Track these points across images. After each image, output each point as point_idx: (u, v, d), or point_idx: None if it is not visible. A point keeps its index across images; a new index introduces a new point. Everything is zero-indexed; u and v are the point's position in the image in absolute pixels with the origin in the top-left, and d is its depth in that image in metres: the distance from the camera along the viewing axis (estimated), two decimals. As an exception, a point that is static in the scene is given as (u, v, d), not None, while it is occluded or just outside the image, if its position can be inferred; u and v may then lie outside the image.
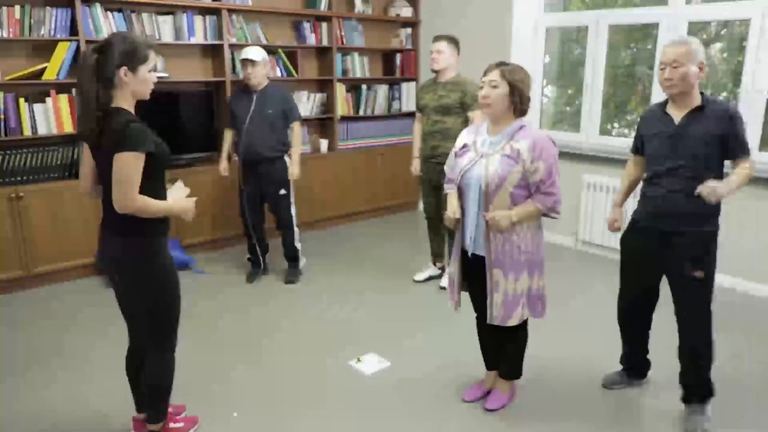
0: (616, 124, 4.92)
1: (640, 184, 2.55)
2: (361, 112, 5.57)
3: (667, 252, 2.39)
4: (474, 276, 2.45)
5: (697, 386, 2.48)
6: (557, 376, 2.87)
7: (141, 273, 2.03)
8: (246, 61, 3.76)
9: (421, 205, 4.26)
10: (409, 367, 2.93)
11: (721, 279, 3.96)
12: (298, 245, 4.10)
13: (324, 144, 5.33)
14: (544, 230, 2.43)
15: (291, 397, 2.68)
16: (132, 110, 1.98)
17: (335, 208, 5.38)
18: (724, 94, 4.28)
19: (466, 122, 3.76)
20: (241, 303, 3.73)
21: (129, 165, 1.87)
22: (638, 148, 2.55)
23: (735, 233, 3.88)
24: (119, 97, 1.94)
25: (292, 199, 4.02)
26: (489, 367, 2.68)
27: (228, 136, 4.09)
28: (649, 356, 2.73)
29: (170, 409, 2.33)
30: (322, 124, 5.44)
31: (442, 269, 4.07)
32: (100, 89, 1.88)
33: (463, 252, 2.45)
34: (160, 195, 2.05)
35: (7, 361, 2.99)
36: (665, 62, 2.27)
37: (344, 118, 5.43)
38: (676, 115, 2.33)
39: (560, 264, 4.34)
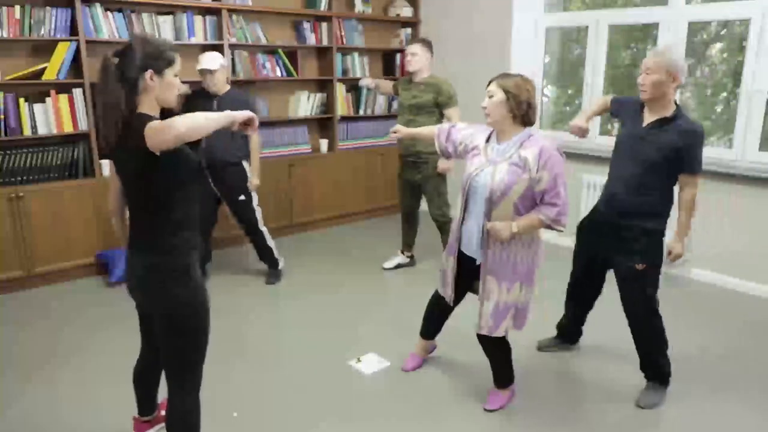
0: (616, 124, 4.91)
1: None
2: (361, 112, 5.57)
3: (613, 243, 2.56)
4: (464, 271, 2.51)
5: (653, 372, 2.65)
6: (557, 376, 2.87)
7: (169, 294, 1.85)
8: (204, 71, 3.71)
9: (423, 206, 4.29)
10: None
11: (721, 279, 3.99)
12: (270, 244, 4.04)
13: (324, 144, 5.33)
14: (543, 231, 2.43)
15: (291, 397, 2.68)
16: (157, 116, 1.82)
17: (335, 208, 5.38)
18: (724, 94, 4.28)
19: (439, 121, 3.89)
20: (241, 304, 3.72)
21: (158, 123, 1.68)
22: (612, 110, 2.75)
23: (734, 233, 3.89)
24: (144, 101, 1.80)
25: (255, 203, 3.93)
26: (425, 337, 2.86)
27: None
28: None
29: (160, 401, 2.31)
30: (322, 124, 5.44)
31: (411, 257, 4.38)
32: (126, 94, 1.76)
33: (460, 251, 2.48)
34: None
35: (7, 361, 2.99)
36: (642, 68, 2.44)
37: (344, 118, 5.43)
38: (647, 119, 2.48)
39: (560, 264, 4.33)
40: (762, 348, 3.15)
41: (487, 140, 2.40)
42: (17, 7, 3.70)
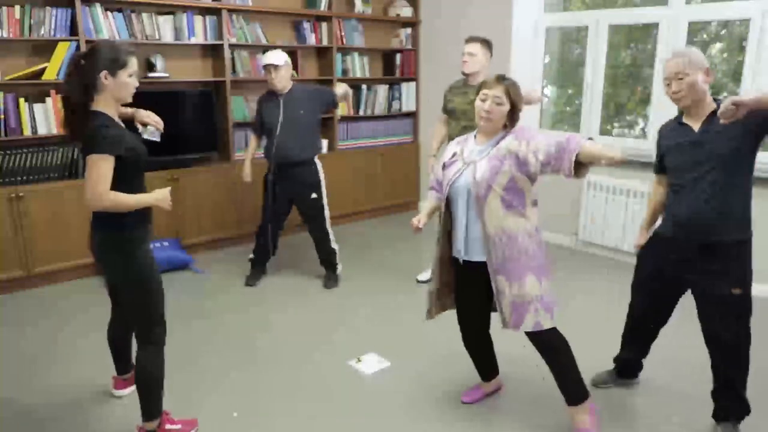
0: (616, 124, 4.92)
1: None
2: (361, 112, 5.57)
3: (695, 267, 2.27)
4: (467, 282, 2.43)
5: (732, 404, 2.37)
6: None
7: (119, 267, 2.16)
8: (269, 66, 3.67)
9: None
10: (409, 367, 2.93)
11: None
12: (335, 246, 3.99)
13: (324, 144, 5.33)
14: (543, 231, 2.42)
15: (291, 397, 2.68)
16: (114, 114, 2.11)
17: (335, 208, 5.33)
18: (725, 94, 4.27)
19: None
20: (241, 303, 3.73)
21: (97, 166, 1.98)
22: (660, 166, 2.44)
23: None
24: (100, 100, 2.06)
25: (325, 201, 3.92)
26: (485, 379, 2.67)
27: (253, 143, 4.04)
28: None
29: (165, 411, 2.34)
30: (322, 124, 5.40)
31: None
32: (80, 92, 2.02)
33: (455, 260, 2.43)
34: (138, 193, 2.16)
35: (6, 361, 2.99)
36: (669, 77, 2.22)
37: (344, 118, 5.43)
38: (695, 124, 2.25)
39: (560, 264, 4.34)
40: (762, 348, 3.14)
41: (459, 145, 2.39)
42: (17, 7, 3.70)
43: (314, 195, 3.85)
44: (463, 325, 2.55)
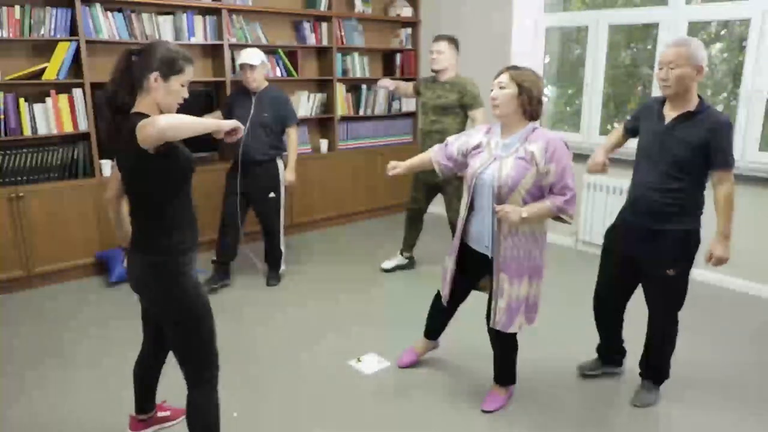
0: (616, 124, 4.91)
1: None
2: (361, 112, 5.57)
3: (645, 249, 2.42)
4: (470, 269, 2.52)
5: (656, 370, 2.62)
6: (557, 376, 2.87)
7: (162, 294, 1.90)
8: (245, 66, 3.73)
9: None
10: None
11: (721, 279, 3.99)
12: (282, 248, 4.05)
13: (324, 144, 5.33)
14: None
15: (291, 397, 2.68)
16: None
17: (335, 208, 5.38)
18: (724, 94, 4.28)
19: (464, 122, 3.81)
20: (241, 303, 3.72)
21: (147, 119, 1.72)
22: (629, 130, 2.60)
23: (734, 233, 3.88)
24: (143, 102, 1.84)
25: (282, 204, 3.95)
26: (427, 337, 2.86)
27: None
28: (624, 345, 2.84)
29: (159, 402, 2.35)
30: (322, 124, 5.44)
31: (410, 258, 4.30)
32: (126, 90, 1.83)
33: (464, 245, 2.48)
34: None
35: (6, 361, 2.99)
36: (663, 62, 2.30)
37: (344, 118, 5.43)
38: (669, 115, 2.35)
39: (560, 264, 4.33)
40: (761, 347, 3.15)
41: (487, 136, 2.40)
42: (17, 7, 3.70)
43: (272, 195, 3.88)
44: (451, 295, 2.64)
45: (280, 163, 3.92)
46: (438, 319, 2.82)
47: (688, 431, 2.45)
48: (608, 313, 2.73)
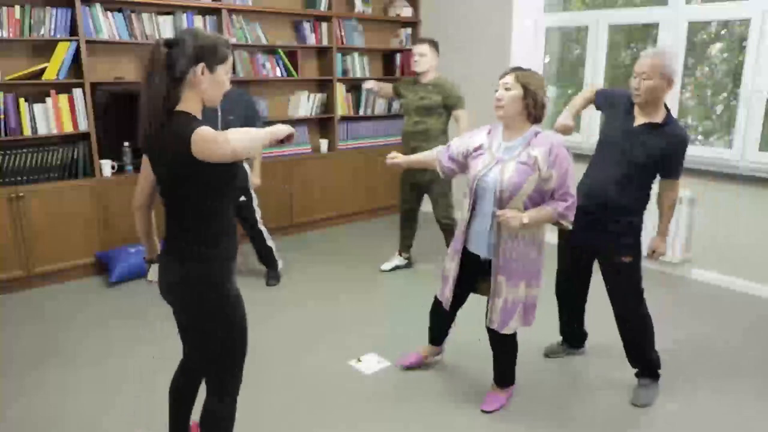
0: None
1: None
2: (361, 112, 5.57)
3: (598, 236, 2.56)
4: (468, 272, 2.50)
5: (643, 362, 2.67)
6: (557, 376, 2.87)
7: (201, 304, 1.77)
8: None
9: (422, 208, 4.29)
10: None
11: (721, 279, 3.99)
12: (270, 244, 4.03)
13: (324, 144, 5.33)
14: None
15: (291, 397, 2.68)
16: (199, 116, 1.72)
17: (335, 208, 5.38)
18: (724, 94, 4.28)
19: (446, 122, 3.88)
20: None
21: (209, 133, 1.61)
22: (597, 105, 2.70)
23: (734, 233, 3.89)
24: (188, 98, 1.70)
25: (255, 204, 3.92)
26: (433, 343, 2.85)
27: None
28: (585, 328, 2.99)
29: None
30: (322, 124, 5.44)
31: (408, 259, 4.33)
32: (171, 86, 1.66)
33: (464, 249, 2.47)
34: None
35: (6, 361, 2.99)
36: (637, 72, 2.41)
37: (344, 118, 5.43)
38: (639, 118, 2.47)
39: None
40: (761, 347, 3.15)
41: (488, 137, 2.39)
42: (17, 7, 3.70)
43: (243, 198, 3.83)
44: (447, 299, 2.62)
45: (247, 166, 3.84)
46: (439, 325, 2.80)
47: (688, 429, 2.45)
48: (570, 299, 2.89)
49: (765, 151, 3.87)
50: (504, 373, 2.60)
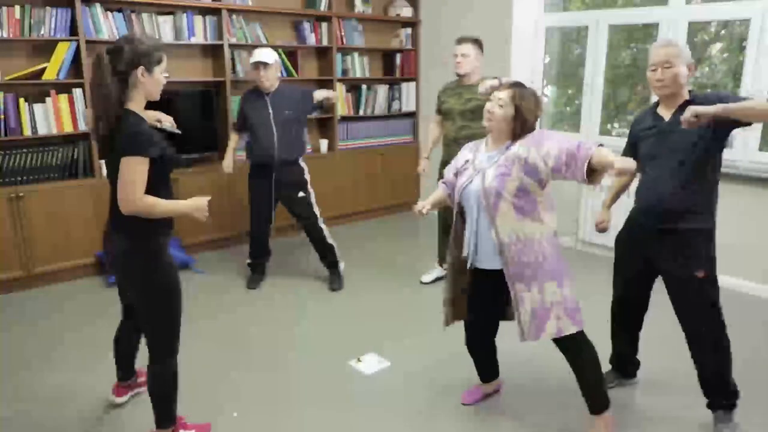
0: (616, 124, 4.92)
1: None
2: (361, 112, 5.57)
3: (662, 251, 2.35)
4: (478, 289, 2.41)
5: (723, 396, 2.38)
6: (558, 377, 2.86)
7: (143, 278, 2.06)
8: (259, 64, 3.66)
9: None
10: (409, 368, 2.93)
11: (721, 279, 3.97)
12: (331, 242, 3.96)
13: (324, 144, 5.33)
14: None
15: (291, 396, 2.68)
16: (142, 112, 2.04)
17: (335, 208, 5.38)
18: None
19: None
20: (241, 303, 3.73)
21: (133, 169, 1.90)
22: (631, 153, 2.48)
23: (734, 233, 3.89)
24: (134, 98, 2.00)
25: (313, 200, 3.92)
26: (485, 380, 2.66)
27: (234, 139, 4.01)
28: (638, 356, 2.73)
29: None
30: (322, 124, 5.44)
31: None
32: (120, 89, 1.96)
33: (464, 264, 2.39)
34: (163, 196, 2.05)
35: (6, 361, 2.99)
36: (657, 63, 2.27)
37: (344, 118, 5.43)
38: (666, 114, 2.33)
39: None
40: (760, 347, 3.14)
41: (473, 153, 2.35)
42: (17, 7, 3.70)
43: (302, 193, 3.87)
44: (469, 330, 2.52)
45: (302, 162, 3.89)
46: (481, 360, 2.61)
47: (688, 428, 2.45)
48: (627, 325, 2.65)
49: (765, 151, 3.87)
50: (594, 397, 2.31)
